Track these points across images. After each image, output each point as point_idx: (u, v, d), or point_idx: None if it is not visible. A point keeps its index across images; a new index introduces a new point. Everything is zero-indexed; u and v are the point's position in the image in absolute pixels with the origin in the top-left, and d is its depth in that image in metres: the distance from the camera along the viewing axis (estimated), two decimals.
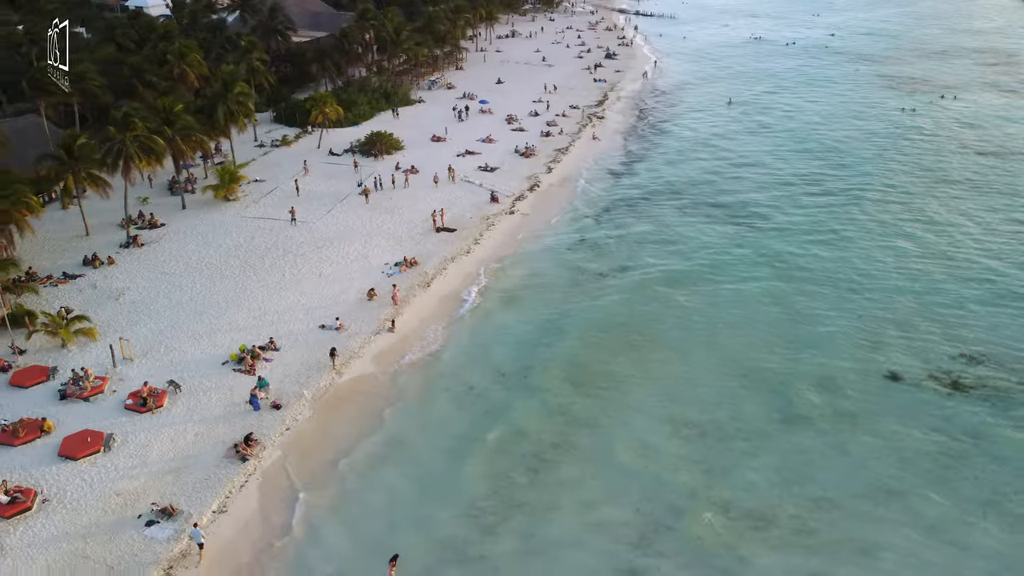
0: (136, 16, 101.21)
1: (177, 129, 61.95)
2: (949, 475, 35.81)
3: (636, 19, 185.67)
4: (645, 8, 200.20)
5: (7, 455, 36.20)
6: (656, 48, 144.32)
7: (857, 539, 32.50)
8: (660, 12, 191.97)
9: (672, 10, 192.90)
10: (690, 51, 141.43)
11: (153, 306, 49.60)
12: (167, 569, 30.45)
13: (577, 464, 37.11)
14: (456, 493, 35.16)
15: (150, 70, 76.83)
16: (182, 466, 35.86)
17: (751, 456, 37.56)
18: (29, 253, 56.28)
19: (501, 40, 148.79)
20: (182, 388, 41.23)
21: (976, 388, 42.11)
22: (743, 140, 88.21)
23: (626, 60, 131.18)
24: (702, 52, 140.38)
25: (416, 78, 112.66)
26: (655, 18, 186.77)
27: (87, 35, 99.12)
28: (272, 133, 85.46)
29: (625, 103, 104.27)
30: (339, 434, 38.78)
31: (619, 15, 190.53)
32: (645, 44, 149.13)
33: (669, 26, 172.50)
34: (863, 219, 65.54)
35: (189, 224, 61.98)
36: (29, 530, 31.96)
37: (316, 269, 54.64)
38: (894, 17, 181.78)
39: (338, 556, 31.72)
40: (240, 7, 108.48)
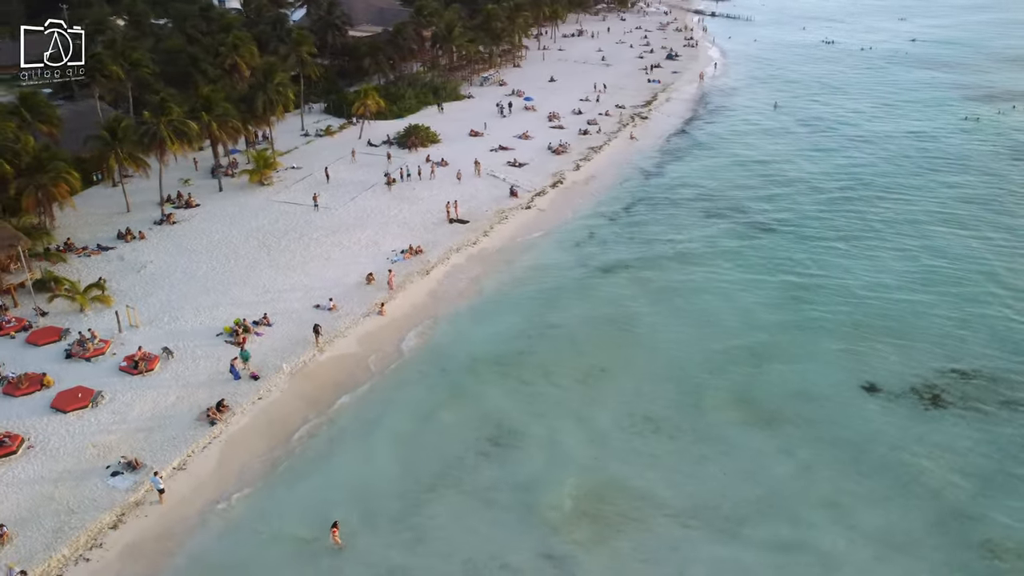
0: (207, 9, 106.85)
1: (215, 115, 65.69)
2: (895, 493, 34.68)
3: (711, 20, 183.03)
4: (722, 10, 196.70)
5: (8, 404, 39.70)
6: (721, 50, 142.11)
7: (783, 541, 32.16)
8: (737, 14, 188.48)
9: (750, 12, 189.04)
10: (755, 54, 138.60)
11: (169, 279, 52.93)
12: (119, 516, 32.96)
13: (526, 452, 37.76)
14: (404, 468, 36.44)
15: (205, 60, 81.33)
16: (157, 425, 38.49)
17: (696, 453, 37.42)
18: (72, 225, 60.86)
19: (566, 39, 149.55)
20: (174, 355, 44.07)
21: (956, 405, 40.53)
22: (782, 146, 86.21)
23: (687, 61, 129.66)
24: (767, 55, 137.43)
25: (470, 74, 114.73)
26: (730, 20, 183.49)
27: (168, 25, 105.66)
28: (320, 123, 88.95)
29: (674, 104, 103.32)
30: (307, 407, 40.66)
31: (693, 16, 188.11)
32: (711, 46, 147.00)
33: (743, 28, 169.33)
34: (885, 228, 63.39)
35: (221, 206, 65.54)
36: (9, 471, 35.11)
37: (326, 253, 57.00)
38: (986, 23, 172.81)
39: (278, 518, 33.48)
40: (306, 2, 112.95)
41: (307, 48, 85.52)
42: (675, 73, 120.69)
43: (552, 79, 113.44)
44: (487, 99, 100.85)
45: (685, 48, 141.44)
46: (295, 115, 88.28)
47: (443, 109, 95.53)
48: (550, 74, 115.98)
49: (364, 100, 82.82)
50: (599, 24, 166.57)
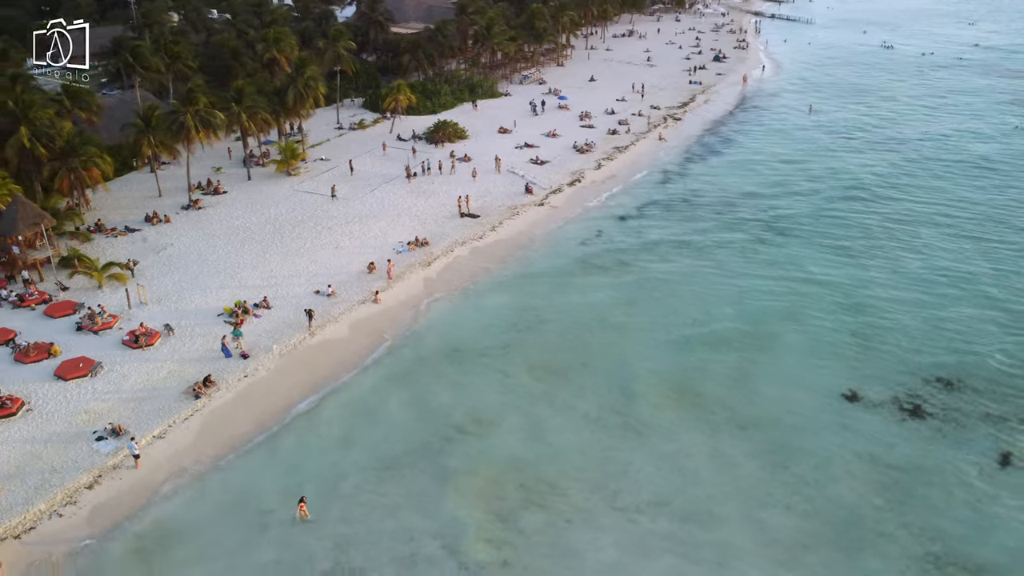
0: (260, 4, 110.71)
1: (245, 107, 68.43)
2: (852, 505, 34.27)
3: (769, 22, 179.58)
4: (783, 12, 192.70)
5: (17, 370, 42.64)
6: (772, 53, 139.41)
7: (726, 545, 32.28)
8: (797, 16, 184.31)
9: (811, 15, 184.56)
10: (807, 57, 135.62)
11: (184, 261, 55.60)
12: (96, 477, 35.21)
13: (485, 442, 38.58)
14: (371, 450, 37.76)
15: (246, 54, 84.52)
16: (147, 396, 40.79)
17: (654, 452, 37.65)
18: (107, 207, 64.39)
19: (616, 39, 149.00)
20: (175, 332, 46.46)
21: (936, 417, 39.63)
22: (808, 150, 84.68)
23: (734, 63, 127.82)
24: (819, 59, 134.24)
25: (511, 72, 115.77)
26: (790, 22, 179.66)
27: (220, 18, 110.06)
28: (355, 117, 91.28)
29: (711, 106, 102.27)
30: (290, 387, 42.35)
31: (751, 18, 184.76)
32: (763, 48, 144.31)
33: (801, 31, 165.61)
34: (899, 235, 61.91)
35: (247, 194, 68.27)
36: (6, 431, 37.81)
37: (336, 241, 58.90)
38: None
39: (244, 489, 35.17)
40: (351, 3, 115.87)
41: (344, 44, 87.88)
42: (719, 75, 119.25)
43: (592, 79, 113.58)
44: (523, 97, 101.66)
45: (735, 50, 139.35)
46: (331, 109, 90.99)
47: (477, 106, 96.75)
48: (591, 74, 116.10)
49: (395, 95, 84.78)
50: (652, 25, 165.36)
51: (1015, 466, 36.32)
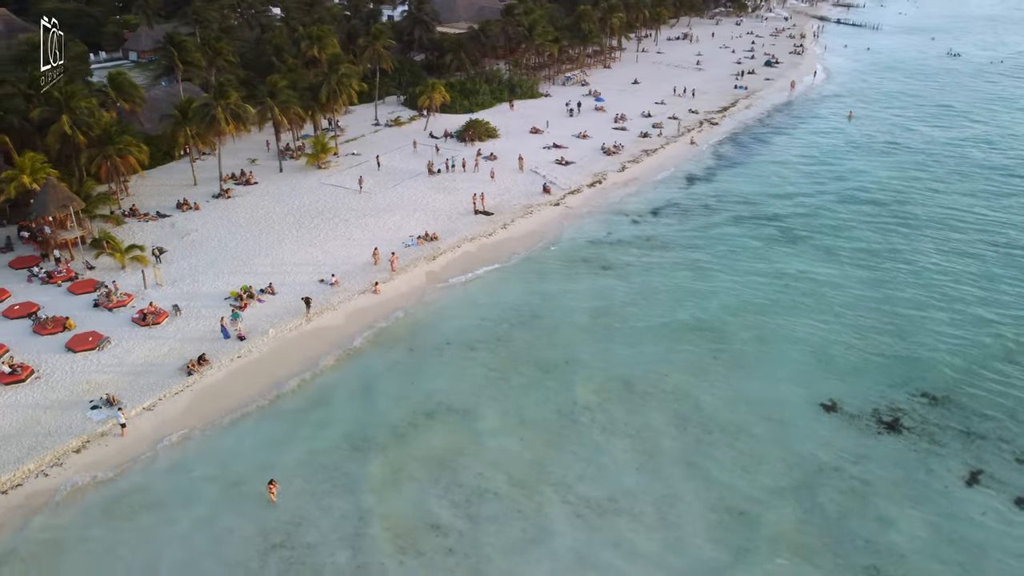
0: (313, 4, 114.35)
1: (278, 101, 71.25)
2: (801, 515, 33.98)
3: (833, 27, 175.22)
4: (849, 17, 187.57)
5: (34, 340, 45.84)
6: (828, 59, 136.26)
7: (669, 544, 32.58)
8: (863, 22, 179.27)
9: (879, 21, 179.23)
10: (864, 64, 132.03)
11: (205, 246, 58.43)
12: (85, 442, 37.73)
13: (453, 430, 39.60)
14: (340, 430, 39.26)
15: (288, 51, 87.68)
16: (145, 371, 43.32)
17: (619, 451, 38.01)
18: (144, 194, 68.07)
19: (670, 42, 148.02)
20: (182, 312, 49.06)
21: (912, 431, 38.77)
22: (841, 158, 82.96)
23: (786, 68, 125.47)
24: (875, 66, 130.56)
25: (555, 73, 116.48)
26: (855, 28, 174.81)
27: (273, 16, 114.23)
28: (395, 114, 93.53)
29: (751, 111, 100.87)
30: (279, 370, 44.26)
31: (815, 23, 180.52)
32: (820, 54, 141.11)
33: (865, 37, 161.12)
34: (915, 246, 60.45)
35: (276, 185, 71.05)
36: (13, 396, 40.80)
37: (349, 233, 60.89)
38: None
39: (219, 463, 37.03)
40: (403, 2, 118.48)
41: (383, 42, 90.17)
42: (767, 80, 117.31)
43: (636, 81, 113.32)
44: (563, 98, 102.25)
45: (790, 55, 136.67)
46: (371, 106, 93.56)
47: (514, 106, 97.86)
48: (636, 76, 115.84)
49: (430, 93, 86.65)
50: (710, 29, 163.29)
51: (982, 485, 35.34)
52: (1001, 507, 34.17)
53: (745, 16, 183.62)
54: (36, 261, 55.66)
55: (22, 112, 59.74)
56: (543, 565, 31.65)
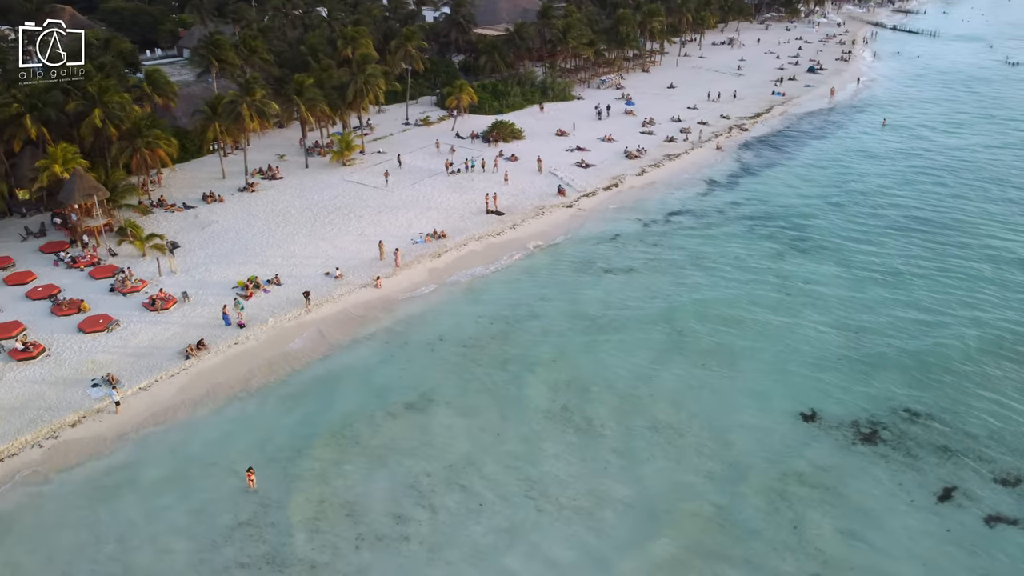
0: (356, 5, 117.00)
1: (304, 99, 73.44)
2: (757, 521, 33.84)
3: (887, 34, 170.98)
4: (906, 24, 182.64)
5: (50, 320, 48.46)
6: (875, 66, 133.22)
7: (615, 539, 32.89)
8: (920, 29, 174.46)
9: (937, 28, 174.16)
10: (912, 72, 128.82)
11: (222, 237, 60.68)
12: (80, 417, 39.86)
13: (428, 423, 40.45)
14: (326, 419, 40.51)
15: (323, 50, 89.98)
16: (147, 353, 45.43)
17: (588, 450, 38.36)
18: (175, 185, 71.02)
19: (715, 47, 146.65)
20: (190, 299, 51.18)
21: (888, 444, 38.11)
22: (865, 167, 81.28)
23: (829, 75, 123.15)
24: (924, 74, 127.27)
25: (591, 76, 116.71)
26: (911, 35, 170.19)
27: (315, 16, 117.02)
28: (425, 114, 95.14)
29: (784, 118, 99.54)
30: (273, 357, 45.91)
31: (870, 29, 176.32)
32: (868, 61, 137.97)
33: (919, 44, 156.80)
34: (931, 259, 58.90)
35: (300, 180, 73.22)
36: (24, 371, 43.30)
37: (361, 229, 62.43)
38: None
39: (201, 444, 38.66)
40: (444, 3, 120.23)
41: (415, 43, 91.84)
42: (807, 87, 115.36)
43: (671, 85, 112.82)
44: (595, 101, 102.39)
45: (836, 62, 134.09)
46: (403, 105, 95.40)
47: (544, 108, 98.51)
48: (673, 81, 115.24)
49: (458, 94, 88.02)
50: (758, 34, 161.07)
51: (953, 502, 34.61)
52: (970, 524, 33.43)
53: (797, 21, 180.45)
54: (65, 246, 58.68)
55: (59, 105, 62.90)
56: (492, 555, 32.31)
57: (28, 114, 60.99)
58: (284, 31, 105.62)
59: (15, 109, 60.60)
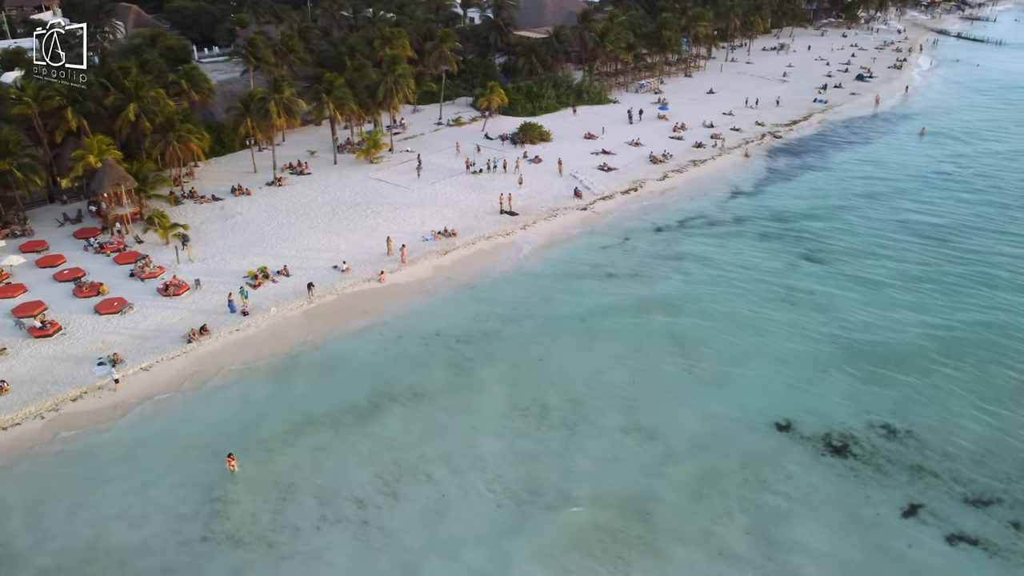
0: (401, 6, 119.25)
1: (333, 98, 75.65)
2: (710, 527, 33.90)
3: (954, 42, 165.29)
4: (970, 32, 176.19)
5: (70, 301, 51.42)
6: (929, 74, 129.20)
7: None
8: (986, 37, 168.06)
9: (1004, 37, 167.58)
10: (966, 81, 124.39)
11: (243, 229, 63.11)
12: (83, 392, 42.35)
13: (409, 414, 41.66)
14: (303, 405, 42.11)
15: (360, 50, 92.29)
16: (153, 335, 47.86)
17: (561, 449, 38.91)
18: (208, 178, 74.06)
19: (764, 52, 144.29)
20: (202, 286, 53.56)
21: (858, 459, 37.56)
22: (898, 178, 79.23)
23: (878, 83, 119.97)
24: (979, 84, 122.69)
25: (631, 80, 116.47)
26: (976, 43, 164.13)
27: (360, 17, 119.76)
28: (458, 115, 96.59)
29: (822, 126, 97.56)
30: (271, 344, 47.77)
31: (931, 36, 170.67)
32: (922, 68, 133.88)
33: (982, 52, 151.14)
34: (948, 274, 57.13)
35: (326, 176, 75.47)
36: (39, 348, 46.17)
37: (375, 225, 64.08)
38: None
39: (190, 424, 40.68)
40: (488, 6, 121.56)
41: (450, 45, 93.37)
42: (853, 95, 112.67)
43: (711, 91, 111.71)
44: (631, 105, 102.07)
45: (888, 69, 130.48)
46: (439, 106, 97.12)
47: (576, 111, 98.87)
48: (713, 86, 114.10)
49: (489, 96, 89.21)
50: (811, 40, 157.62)
51: (918, 519, 33.98)
52: (931, 542, 32.85)
53: (856, 28, 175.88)
54: (96, 233, 62.00)
55: (99, 98, 66.42)
56: (444, 544, 33.24)
57: (69, 107, 64.73)
58: (330, 31, 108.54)
59: (57, 102, 64.37)
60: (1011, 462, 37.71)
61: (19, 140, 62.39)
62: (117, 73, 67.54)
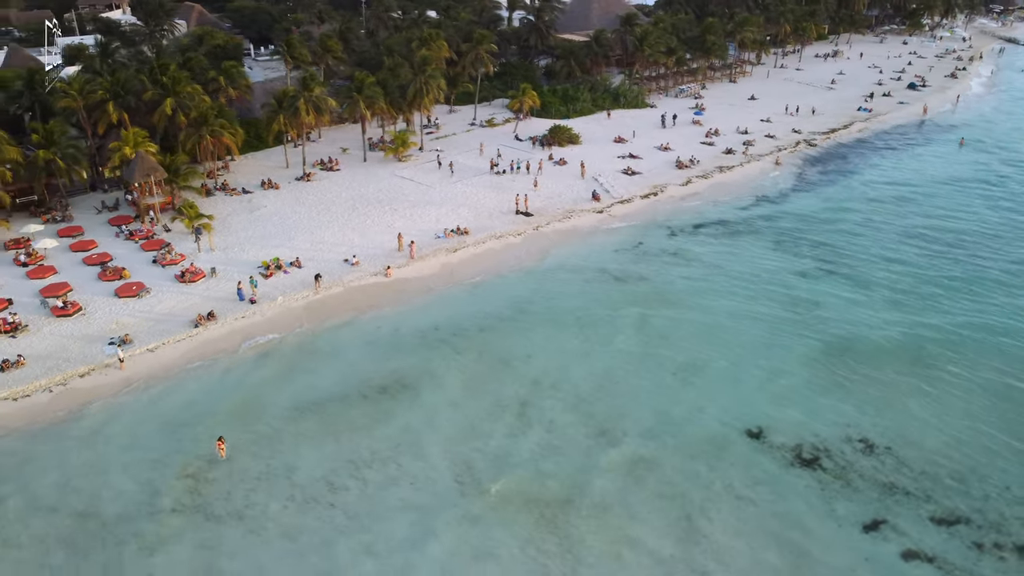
0: (448, 8, 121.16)
1: (364, 96, 77.77)
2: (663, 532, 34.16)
3: (1017, 50, 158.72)
4: None
5: (94, 284, 54.47)
6: (986, 84, 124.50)
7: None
8: None
9: None
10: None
11: (267, 221, 65.55)
12: (91, 369, 44.99)
13: (395, 406, 42.91)
14: (293, 391, 43.82)
15: (398, 50, 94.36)
16: (164, 319, 50.37)
17: (530, 441, 39.63)
18: (242, 172, 76.96)
19: (817, 59, 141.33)
20: (217, 274, 56.00)
21: (828, 472, 37.11)
22: (929, 188, 77.30)
23: (929, 92, 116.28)
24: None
25: (672, 84, 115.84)
26: None
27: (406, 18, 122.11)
28: (491, 116, 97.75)
29: (861, 135, 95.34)
30: (271, 333, 49.68)
31: (998, 44, 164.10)
32: (981, 78, 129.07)
33: None
34: (963, 289, 55.41)
35: (354, 172, 77.63)
36: (59, 327, 49.16)
37: (391, 221, 65.70)
38: None
39: (186, 404, 42.83)
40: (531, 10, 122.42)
41: (485, 47, 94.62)
42: (901, 104, 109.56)
43: (752, 97, 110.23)
44: (667, 110, 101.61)
45: (945, 78, 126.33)
46: (474, 106, 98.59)
47: (610, 115, 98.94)
48: (756, 92, 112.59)
49: (521, 97, 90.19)
50: (869, 47, 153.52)
51: (879, 534, 33.51)
52: (887, 557, 32.43)
53: (919, 35, 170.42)
54: (129, 220, 65.33)
55: (139, 93, 69.90)
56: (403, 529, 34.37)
57: (111, 101, 68.33)
58: (377, 32, 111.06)
59: (100, 96, 68.02)
60: (992, 484, 36.76)
61: (64, 131, 66.17)
62: (156, 69, 70.87)
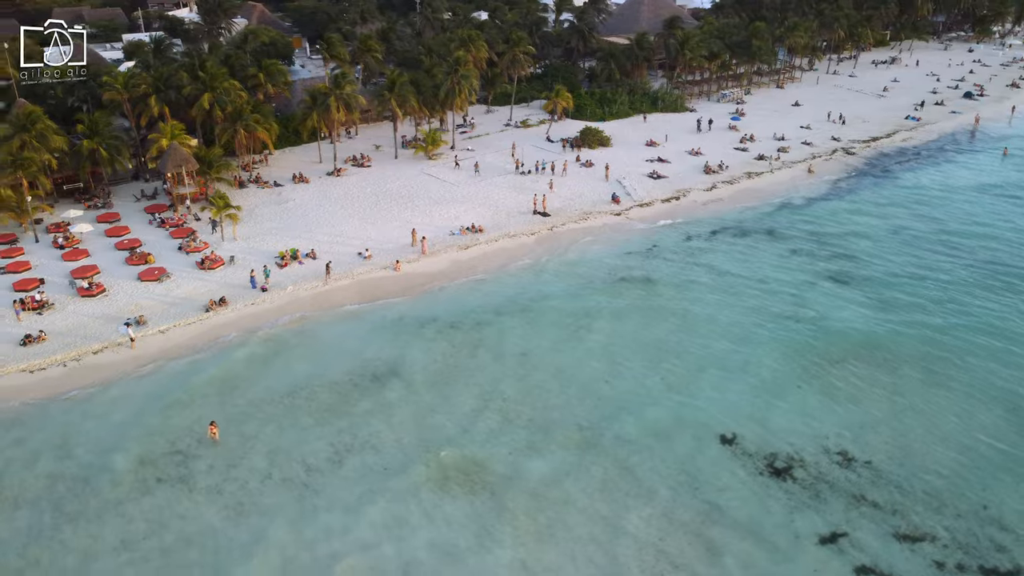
0: (495, 10, 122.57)
1: (395, 94, 79.70)
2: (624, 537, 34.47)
3: None
4: None
5: (121, 268, 57.53)
6: None
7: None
8: None
9: None
10: None
11: (292, 213, 67.93)
12: (104, 347, 47.73)
13: (387, 396, 44.14)
14: (289, 377, 45.61)
15: (438, 51, 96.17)
16: (180, 303, 52.97)
17: (514, 438, 40.41)
18: (278, 166, 79.88)
19: (873, 65, 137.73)
20: (236, 263, 58.47)
21: (797, 482, 36.72)
22: (963, 199, 74.94)
23: (986, 103, 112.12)
24: None
25: (716, 89, 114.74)
26: None
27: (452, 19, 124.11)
28: (526, 116, 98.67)
29: (905, 144, 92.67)
30: (277, 320, 51.71)
31: None
32: None
33: None
34: (968, 312, 53.60)
35: (383, 169, 79.66)
36: (83, 306, 52.20)
37: (409, 216, 67.31)
38: None
39: (186, 385, 44.96)
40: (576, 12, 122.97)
41: (522, 48, 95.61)
42: (953, 113, 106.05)
43: (796, 103, 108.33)
44: (707, 114, 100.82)
45: (1006, 88, 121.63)
46: (511, 107, 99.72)
47: (646, 119, 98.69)
48: (799, 99, 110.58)
49: (555, 99, 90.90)
50: (931, 54, 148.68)
51: (835, 547, 33.09)
52: (839, 570, 32.09)
53: (987, 42, 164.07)
54: (163, 209, 68.63)
55: (179, 88, 73.27)
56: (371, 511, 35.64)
57: (154, 94, 71.85)
58: (424, 32, 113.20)
59: (143, 90, 71.58)
60: (967, 501, 35.89)
61: (108, 122, 69.86)
62: (196, 65, 74.16)
